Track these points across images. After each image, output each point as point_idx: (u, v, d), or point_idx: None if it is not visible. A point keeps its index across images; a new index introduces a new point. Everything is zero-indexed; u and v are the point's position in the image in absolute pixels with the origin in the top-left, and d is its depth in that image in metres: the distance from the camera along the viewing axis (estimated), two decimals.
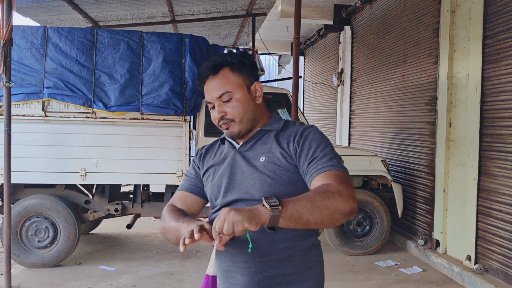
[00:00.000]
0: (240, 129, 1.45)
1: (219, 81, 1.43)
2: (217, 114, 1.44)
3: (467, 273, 4.28)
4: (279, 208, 1.14)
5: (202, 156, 1.59)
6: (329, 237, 5.22)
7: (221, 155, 1.53)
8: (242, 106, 1.44)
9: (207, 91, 1.46)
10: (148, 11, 7.16)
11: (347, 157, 5.26)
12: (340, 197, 1.20)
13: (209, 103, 1.47)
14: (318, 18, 7.74)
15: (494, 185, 4.13)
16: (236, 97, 1.43)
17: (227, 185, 1.43)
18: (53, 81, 4.57)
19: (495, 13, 4.13)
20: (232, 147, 1.51)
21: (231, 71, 1.44)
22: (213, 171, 1.50)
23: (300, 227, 1.18)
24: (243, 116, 1.44)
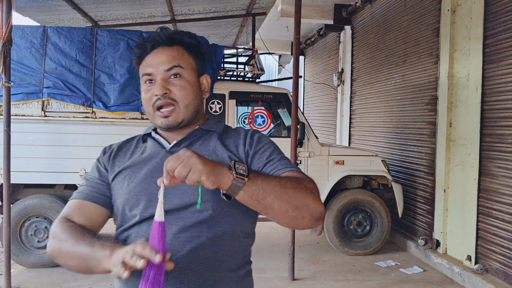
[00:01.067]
0: (184, 117, 1.21)
1: (172, 54, 1.21)
2: (159, 90, 1.18)
3: (468, 273, 4.28)
4: (245, 180, 0.99)
5: (113, 155, 1.29)
6: (329, 237, 5.21)
7: (142, 155, 1.26)
8: (191, 90, 1.22)
9: (150, 61, 1.21)
10: (148, 11, 7.15)
11: (347, 157, 5.26)
12: (312, 195, 1.08)
13: (146, 76, 1.21)
14: (318, 17, 7.73)
15: (494, 185, 4.12)
16: (186, 77, 1.22)
17: (154, 193, 1.12)
18: (53, 81, 4.56)
19: (495, 12, 4.12)
20: (160, 147, 1.26)
21: (186, 51, 1.24)
22: (129, 174, 1.21)
23: (259, 208, 1.04)
24: (190, 102, 1.22)
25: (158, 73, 1.20)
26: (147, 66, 1.21)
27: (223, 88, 5.09)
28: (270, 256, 5.16)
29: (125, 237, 1.18)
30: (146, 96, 1.22)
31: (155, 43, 1.22)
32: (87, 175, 1.29)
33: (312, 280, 4.46)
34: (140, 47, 1.24)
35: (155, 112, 1.21)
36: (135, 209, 1.16)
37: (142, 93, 1.24)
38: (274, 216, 1.07)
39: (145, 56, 1.23)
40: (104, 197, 1.23)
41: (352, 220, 5.25)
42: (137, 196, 1.17)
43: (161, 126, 1.22)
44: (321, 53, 10.22)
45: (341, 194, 5.22)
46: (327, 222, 5.17)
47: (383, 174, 5.26)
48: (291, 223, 1.09)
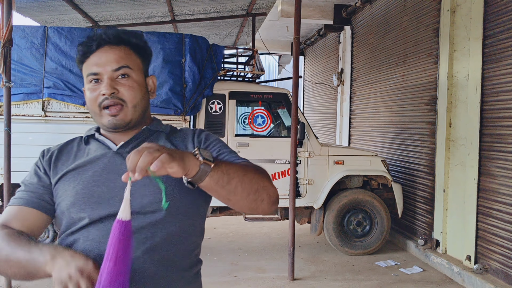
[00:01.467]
0: (132, 117, 1.19)
1: (120, 53, 1.19)
2: (107, 89, 1.14)
3: (467, 273, 4.28)
4: (211, 165, 0.98)
5: (54, 159, 1.24)
6: (329, 237, 5.22)
7: (87, 157, 1.22)
8: (139, 90, 1.20)
9: (97, 60, 1.17)
10: (148, 11, 7.16)
11: (347, 157, 5.27)
12: (268, 179, 1.11)
13: (92, 75, 1.17)
14: (318, 18, 7.74)
15: (494, 185, 4.13)
16: (134, 78, 1.19)
17: (103, 194, 1.12)
18: (53, 81, 4.57)
19: (495, 13, 4.13)
20: (106, 148, 1.22)
21: (133, 52, 1.22)
22: (74, 177, 1.17)
23: (223, 194, 1.03)
24: (138, 103, 1.19)
25: (105, 72, 1.16)
26: (93, 65, 1.18)
27: (223, 88, 5.10)
28: (270, 256, 5.16)
29: (72, 241, 1.13)
30: (91, 96, 1.17)
31: (102, 42, 1.19)
32: (24, 181, 1.22)
33: (312, 280, 4.47)
34: (85, 45, 1.19)
35: (102, 111, 1.17)
36: (82, 212, 1.12)
37: (87, 93, 1.19)
38: (236, 202, 1.08)
39: (90, 54, 1.19)
40: (44, 202, 1.18)
41: (352, 220, 5.26)
42: (84, 199, 1.13)
43: (108, 125, 1.18)
44: (321, 53, 10.22)
45: (341, 194, 5.23)
46: (327, 222, 5.18)
47: (383, 174, 5.27)
48: (251, 206, 1.10)
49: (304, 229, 6.19)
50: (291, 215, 4.48)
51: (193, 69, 4.78)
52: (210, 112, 5.04)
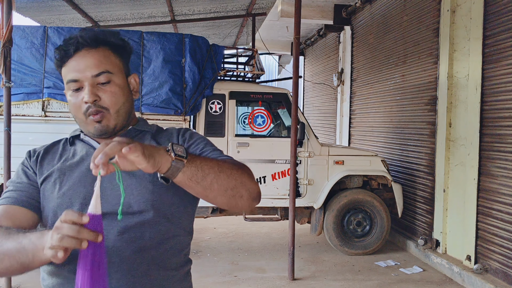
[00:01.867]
0: (117, 123, 1.16)
1: (99, 58, 1.14)
2: (89, 97, 1.11)
3: (467, 273, 4.28)
4: (183, 161, 0.97)
5: (40, 159, 1.21)
6: (329, 237, 5.22)
7: (73, 158, 1.20)
8: (122, 94, 1.17)
9: (75, 66, 1.13)
10: (148, 11, 7.16)
11: (347, 157, 5.27)
12: (248, 175, 1.11)
13: (72, 82, 1.13)
14: (318, 18, 7.74)
15: (494, 185, 4.13)
16: (116, 82, 1.16)
17: (89, 195, 1.06)
18: (53, 81, 4.57)
19: (495, 13, 4.13)
20: (91, 148, 1.21)
21: (111, 52, 1.18)
22: (60, 178, 1.16)
23: (199, 190, 1.03)
24: (121, 107, 1.16)
25: (85, 78, 1.12)
26: (71, 71, 1.13)
27: (223, 88, 5.10)
28: (270, 256, 5.16)
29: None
30: (75, 102, 1.14)
31: (79, 45, 1.13)
32: (12, 181, 1.18)
33: (312, 280, 4.47)
34: (62, 49, 1.14)
35: (88, 119, 1.14)
36: None
37: (69, 98, 1.16)
38: (214, 198, 1.06)
39: (68, 59, 1.14)
40: (33, 201, 1.16)
41: (352, 220, 5.26)
42: (70, 200, 1.11)
43: (95, 132, 1.16)
44: (321, 53, 10.22)
45: (341, 194, 5.23)
46: (327, 222, 5.18)
47: (383, 174, 5.27)
48: (230, 202, 1.09)
49: (304, 229, 6.19)
50: (291, 215, 4.48)
51: (193, 69, 4.78)
52: (210, 112, 5.04)
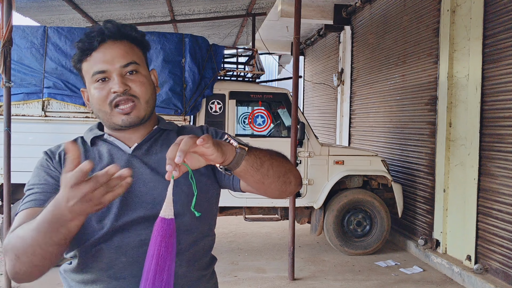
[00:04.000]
0: (146, 113, 1.14)
1: (125, 49, 1.13)
2: (119, 86, 1.09)
3: (467, 273, 4.28)
4: (245, 149, 0.99)
5: (64, 157, 1.15)
6: (329, 237, 5.21)
7: (101, 161, 1.14)
8: (149, 85, 1.15)
9: (102, 57, 1.10)
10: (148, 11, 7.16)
11: (347, 157, 5.27)
12: (291, 163, 1.14)
13: (99, 74, 1.10)
14: (318, 18, 7.74)
15: (494, 185, 4.13)
16: (142, 73, 1.15)
17: (125, 200, 1.07)
18: (53, 81, 4.57)
19: (495, 12, 4.13)
20: (119, 150, 1.16)
21: (134, 45, 1.16)
22: None
23: (258, 177, 1.03)
24: (150, 98, 1.15)
25: (113, 69, 1.10)
26: (98, 63, 1.11)
27: (223, 88, 5.10)
28: (270, 256, 5.16)
29: (95, 251, 1.07)
30: (100, 94, 1.11)
31: (104, 37, 1.11)
32: (33, 185, 1.10)
33: (312, 280, 4.47)
34: (84, 41, 1.11)
35: (113, 110, 1.11)
36: (105, 218, 1.06)
37: (93, 92, 1.12)
38: (269, 185, 1.08)
39: (92, 51, 1.11)
40: None
41: (352, 220, 5.26)
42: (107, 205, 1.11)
43: (122, 124, 1.12)
44: (321, 53, 10.22)
45: (341, 194, 5.23)
46: (327, 222, 5.18)
47: (383, 174, 5.26)
48: (281, 189, 1.10)
49: (304, 229, 6.19)
50: (291, 215, 4.48)
51: (193, 69, 4.78)
52: (210, 112, 5.04)
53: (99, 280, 1.08)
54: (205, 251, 1.20)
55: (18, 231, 0.95)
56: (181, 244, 1.11)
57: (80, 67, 1.16)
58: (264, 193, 1.13)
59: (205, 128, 1.27)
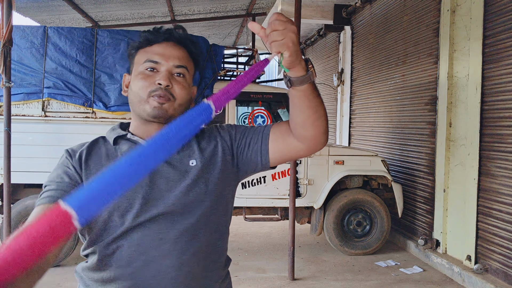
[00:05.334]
0: (174, 114, 1.17)
1: (183, 54, 1.20)
2: (165, 80, 1.14)
3: (467, 273, 4.28)
4: (315, 74, 1.06)
5: (85, 159, 1.16)
6: (329, 237, 5.21)
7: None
8: (188, 92, 1.20)
9: (161, 51, 1.17)
10: (148, 11, 7.16)
11: (347, 157, 5.27)
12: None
13: (151, 62, 1.16)
14: (318, 18, 7.74)
15: (494, 185, 4.13)
16: (187, 80, 1.20)
17: (147, 196, 1.09)
18: (53, 81, 4.57)
19: (495, 12, 4.13)
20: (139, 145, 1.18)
21: (190, 57, 1.23)
22: None
23: (314, 103, 1.09)
24: (184, 103, 1.19)
25: (166, 65, 1.16)
26: (155, 54, 1.17)
27: None
28: (270, 256, 5.16)
29: (115, 248, 1.08)
30: (142, 82, 1.15)
31: (171, 37, 1.20)
32: (51, 181, 1.11)
33: (312, 280, 4.47)
34: (153, 34, 1.19)
35: (149, 98, 1.14)
36: (127, 213, 1.07)
37: (136, 78, 1.16)
38: (319, 117, 1.11)
39: (154, 44, 1.19)
40: None
41: (352, 220, 5.26)
42: (129, 201, 1.09)
43: (151, 113, 1.14)
44: (321, 53, 10.22)
45: (341, 194, 5.23)
46: (327, 222, 5.18)
47: (383, 174, 5.26)
48: (323, 125, 1.14)
49: (304, 229, 6.19)
50: (291, 215, 4.48)
51: None
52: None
53: (118, 279, 1.08)
54: (223, 250, 1.22)
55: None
56: (200, 241, 1.12)
57: (135, 53, 1.21)
58: (311, 124, 1.13)
59: (219, 127, 1.29)
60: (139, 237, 1.08)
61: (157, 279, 1.07)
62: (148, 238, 1.08)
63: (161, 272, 1.07)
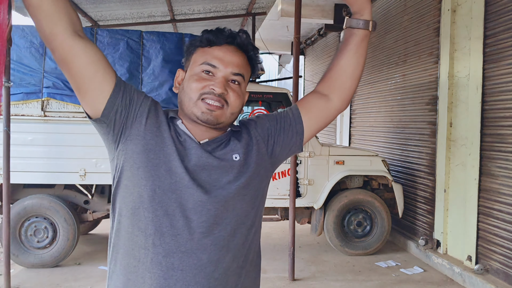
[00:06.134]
0: (225, 121, 1.16)
1: (242, 62, 1.18)
2: (221, 87, 1.12)
3: (468, 274, 4.27)
4: (375, 26, 1.29)
5: (154, 108, 1.17)
6: (329, 237, 5.20)
7: (179, 135, 1.16)
8: (241, 101, 1.19)
9: (221, 55, 1.15)
10: (147, 11, 7.14)
11: (347, 157, 5.26)
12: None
13: (209, 66, 1.14)
14: (318, 17, 7.72)
15: (495, 185, 4.11)
16: (242, 88, 1.18)
17: (192, 187, 1.11)
18: (53, 81, 4.55)
19: (496, 12, 4.12)
20: (190, 138, 1.16)
21: (249, 66, 1.22)
22: (179, 149, 1.12)
23: (365, 51, 1.30)
24: (236, 111, 1.17)
25: (224, 70, 1.14)
26: (214, 58, 1.15)
27: None
28: (270, 256, 5.15)
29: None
30: (197, 84, 1.13)
31: (233, 41, 1.18)
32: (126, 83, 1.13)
33: (313, 280, 4.45)
34: (215, 35, 1.17)
35: (199, 101, 1.12)
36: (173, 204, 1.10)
37: (191, 78, 1.15)
38: (362, 66, 1.28)
39: (215, 45, 1.16)
40: (110, 87, 1.08)
41: (352, 220, 5.25)
42: (176, 192, 1.11)
43: (200, 117, 1.12)
44: (322, 53, 10.21)
45: (341, 194, 5.21)
46: (327, 222, 5.17)
47: (384, 174, 5.25)
48: (359, 77, 1.29)
49: (304, 230, 6.18)
50: (291, 215, 4.46)
51: None
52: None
53: (156, 268, 1.08)
54: (257, 246, 1.23)
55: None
56: (238, 238, 1.14)
57: (193, 51, 1.20)
58: (355, 69, 1.26)
59: (245, 122, 1.29)
60: (181, 226, 1.10)
61: (195, 272, 1.08)
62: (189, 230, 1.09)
63: (198, 265, 1.08)
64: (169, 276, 1.07)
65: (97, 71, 1.06)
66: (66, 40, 1.02)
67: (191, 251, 1.07)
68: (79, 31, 1.05)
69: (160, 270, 1.07)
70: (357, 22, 1.23)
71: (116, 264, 1.14)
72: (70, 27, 1.03)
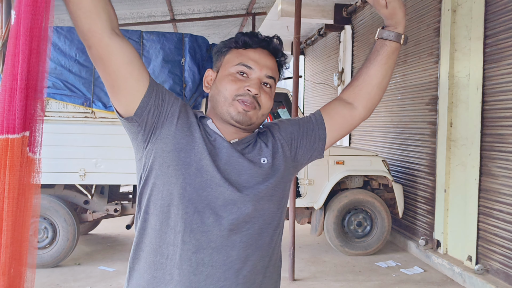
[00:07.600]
0: (256, 122, 1.18)
1: (274, 66, 1.23)
2: (256, 89, 1.14)
3: (468, 274, 4.27)
4: (405, 41, 1.30)
5: (185, 109, 1.18)
6: (329, 237, 5.20)
7: (210, 137, 1.18)
8: (271, 104, 1.22)
9: (257, 58, 1.18)
10: (147, 10, 7.14)
11: (347, 157, 5.25)
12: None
13: (245, 67, 1.17)
14: (318, 17, 7.72)
15: (495, 185, 4.11)
16: (272, 91, 1.22)
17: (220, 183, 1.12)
18: (52, 81, 4.55)
19: (496, 12, 4.11)
20: (220, 137, 1.18)
21: (277, 69, 1.26)
22: (209, 148, 1.14)
23: (394, 63, 1.33)
24: (266, 114, 1.20)
25: (258, 73, 1.17)
26: (249, 59, 1.18)
27: None
28: None
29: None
30: (232, 85, 1.15)
31: (267, 46, 1.23)
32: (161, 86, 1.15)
33: (313, 280, 4.45)
34: (250, 37, 1.21)
35: (234, 101, 1.14)
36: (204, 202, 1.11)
37: (226, 78, 1.16)
38: (390, 77, 1.34)
39: (250, 48, 1.20)
40: (144, 85, 1.09)
41: (353, 220, 5.24)
42: (210, 191, 1.13)
43: (235, 117, 1.14)
44: (321, 53, 10.21)
45: (341, 194, 5.21)
46: (327, 222, 5.16)
47: (384, 174, 5.25)
48: (386, 87, 1.34)
49: (304, 230, 6.18)
50: (291, 216, 4.46)
51: (193, 69, 4.76)
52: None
53: (185, 264, 1.10)
54: (278, 245, 1.23)
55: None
56: (265, 238, 1.16)
57: (227, 52, 1.22)
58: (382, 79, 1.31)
59: (273, 124, 1.31)
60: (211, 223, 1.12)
61: (224, 268, 1.10)
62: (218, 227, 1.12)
63: (227, 262, 1.10)
64: (199, 272, 1.08)
65: (132, 70, 1.06)
66: (104, 37, 1.02)
67: (221, 247, 1.09)
68: (116, 29, 1.05)
69: (189, 266, 1.08)
70: (389, 34, 1.27)
71: (139, 262, 1.14)
72: (109, 25, 1.02)
